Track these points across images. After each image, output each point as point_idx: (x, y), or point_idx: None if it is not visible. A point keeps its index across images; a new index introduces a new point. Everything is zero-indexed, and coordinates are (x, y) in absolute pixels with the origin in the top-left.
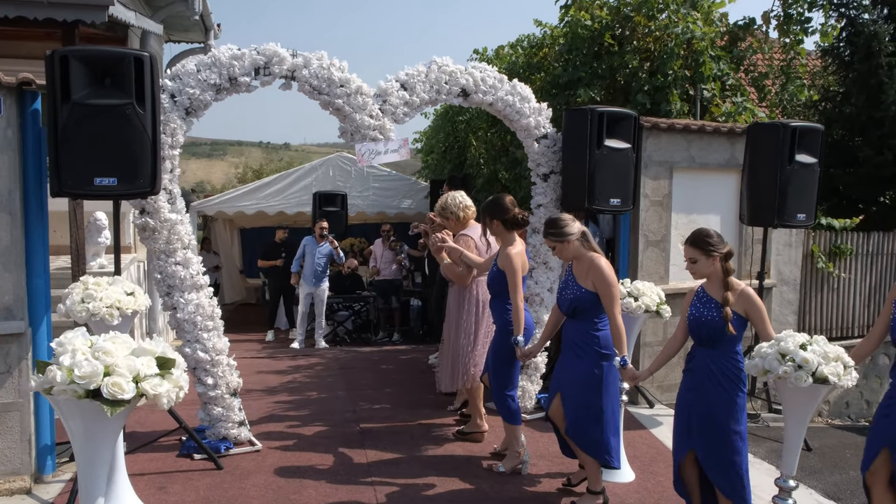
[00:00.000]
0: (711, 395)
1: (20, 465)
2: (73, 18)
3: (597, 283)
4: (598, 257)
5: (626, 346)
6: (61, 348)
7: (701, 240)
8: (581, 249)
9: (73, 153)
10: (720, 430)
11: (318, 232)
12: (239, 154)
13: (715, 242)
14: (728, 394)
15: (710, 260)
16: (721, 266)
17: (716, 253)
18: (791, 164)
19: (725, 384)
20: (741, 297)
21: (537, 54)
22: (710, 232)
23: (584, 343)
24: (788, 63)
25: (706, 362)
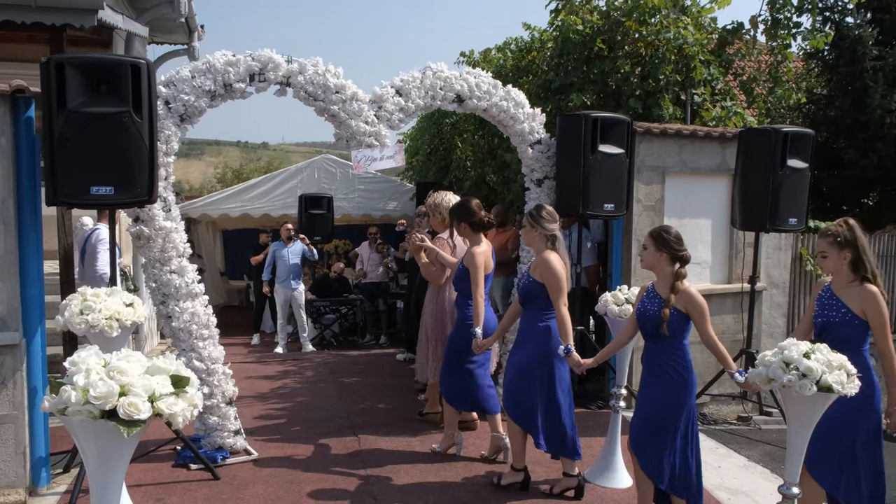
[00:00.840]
0: (655, 390)
1: (15, 479)
2: (61, 22)
3: (544, 275)
4: (550, 254)
5: (570, 335)
6: (74, 367)
7: (658, 233)
8: (542, 245)
9: (69, 161)
10: (652, 427)
11: (284, 234)
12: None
13: (669, 240)
14: (670, 390)
15: (658, 254)
16: (671, 267)
17: (664, 249)
18: (783, 169)
19: (667, 380)
20: (682, 294)
21: (525, 57)
22: (672, 231)
23: (529, 331)
24: (776, 67)
25: (652, 357)
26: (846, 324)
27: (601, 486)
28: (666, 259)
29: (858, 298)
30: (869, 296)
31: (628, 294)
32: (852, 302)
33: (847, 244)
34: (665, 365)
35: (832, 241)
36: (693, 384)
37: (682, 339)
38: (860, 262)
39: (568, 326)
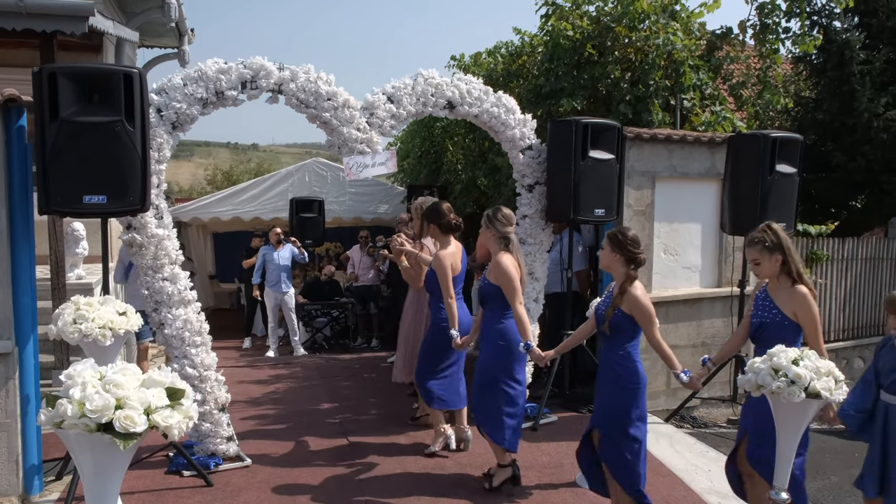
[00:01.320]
0: (604, 385)
1: (7, 487)
2: (52, 29)
3: (498, 277)
4: (504, 255)
5: (529, 332)
6: (70, 381)
7: (615, 234)
8: (497, 247)
9: (61, 171)
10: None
11: (273, 239)
12: (206, 155)
13: (624, 242)
14: (615, 386)
15: (613, 255)
16: (625, 268)
17: (619, 250)
18: (772, 174)
19: (614, 377)
20: (628, 297)
21: (516, 62)
22: (629, 233)
23: (488, 331)
24: (765, 71)
25: (604, 353)
26: (777, 325)
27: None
28: (620, 260)
29: (789, 300)
30: (799, 297)
31: None
32: (783, 303)
33: (775, 248)
34: (612, 363)
35: (761, 248)
36: (636, 388)
37: (627, 340)
38: (788, 264)
39: (526, 324)
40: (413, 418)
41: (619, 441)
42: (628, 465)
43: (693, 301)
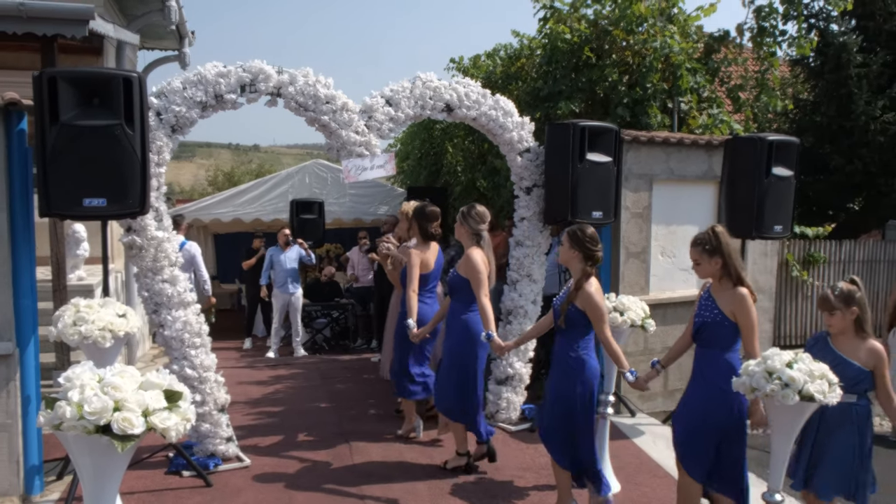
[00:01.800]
0: (555, 377)
1: (8, 487)
2: (53, 33)
3: (467, 270)
4: (473, 250)
5: (492, 323)
6: (69, 383)
7: (575, 231)
8: (469, 242)
9: (61, 174)
10: (554, 407)
11: (282, 240)
12: (208, 156)
13: (583, 239)
14: (567, 379)
15: (572, 251)
16: (582, 265)
17: (577, 247)
18: (768, 176)
19: (565, 369)
20: (582, 295)
21: (514, 64)
22: (588, 231)
23: (453, 321)
24: (762, 74)
25: (558, 346)
26: (717, 325)
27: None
28: (578, 257)
29: (729, 300)
30: (738, 298)
31: (616, 302)
32: (724, 303)
33: (715, 251)
34: (565, 356)
35: (702, 250)
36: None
37: (581, 335)
38: (728, 267)
39: (489, 315)
40: (397, 410)
41: (563, 425)
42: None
43: (690, 303)
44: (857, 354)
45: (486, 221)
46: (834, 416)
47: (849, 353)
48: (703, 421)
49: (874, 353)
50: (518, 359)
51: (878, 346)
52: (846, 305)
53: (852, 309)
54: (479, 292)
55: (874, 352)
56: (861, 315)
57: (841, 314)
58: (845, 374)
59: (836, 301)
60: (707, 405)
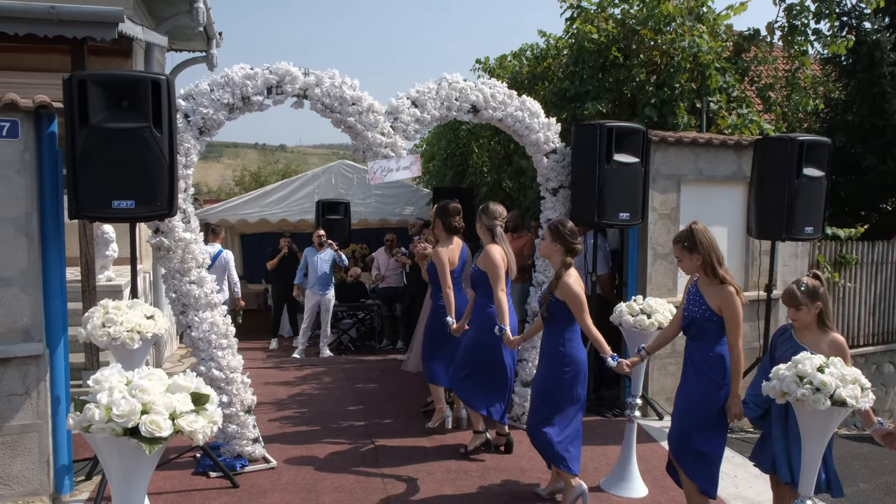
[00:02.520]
0: (541, 368)
1: (39, 486)
2: (83, 35)
3: (486, 265)
4: (492, 247)
5: (506, 317)
6: (98, 386)
7: (556, 226)
8: (488, 238)
9: (90, 176)
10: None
11: (316, 241)
12: (235, 156)
13: (564, 233)
14: (552, 368)
15: (554, 245)
16: (562, 257)
17: (559, 241)
18: (799, 177)
19: (550, 359)
20: (561, 285)
21: (541, 64)
22: (568, 225)
23: (477, 313)
24: (793, 73)
25: (544, 338)
26: (706, 320)
27: (616, 495)
28: (560, 250)
29: (716, 296)
30: (726, 294)
31: (643, 304)
32: (711, 299)
33: (693, 248)
34: (551, 347)
35: (681, 247)
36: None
37: (565, 325)
38: (705, 265)
39: (504, 309)
40: (424, 412)
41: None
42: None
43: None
44: (819, 347)
45: (500, 217)
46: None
47: (812, 346)
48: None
49: (836, 345)
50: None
51: (839, 339)
52: (811, 301)
53: (817, 304)
54: (496, 286)
55: (836, 344)
56: (824, 309)
57: (807, 309)
58: None
59: (803, 297)
60: (706, 401)
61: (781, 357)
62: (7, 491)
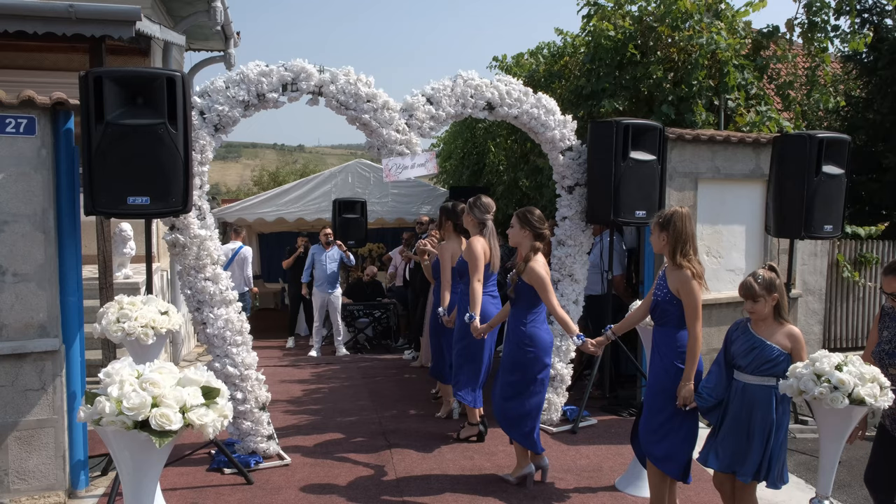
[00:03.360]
0: (508, 348)
1: (54, 481)
2: (100, 34)
3: (468, 255)
4: (475, 239)
5: (478, 307)
6: (109, 379)
7: (524, 213)
8: (475, 230)
9: (106, 173)
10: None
11: (323, 239)
12: (253, 156)
13: (532, 219)
14: (515, 347)
15: (523, 231)
16: (531, 242)
17: (528, 227)
18: (818, 175)
19: (515, 341)
20: (528, 270)
21: (558, 62)
22: (535, 212)
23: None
24: (813, 70)
25: (510, 319)
26: (667, 303)
27: (632, 494)
28: (529, 235)
29: (675, 279)
30: (682, 278)
31: None
32: (671, 282)
33: (664, 226)
34: (515, 328)
35: (655, 222)
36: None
37: (529, 307)
38: (670, 245)
39: (476, 298)
40: (435, 397)
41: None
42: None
43: (737, 304)
44: (775, 338)
45: (491, 212)
46: (754, 398)
47: (768, 337)
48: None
49: (792, 336)
50: (559, 359)
51: (795, 330)
52: (768, 292)
53: (773, 295)
54: (472, 276)
55: (792, 335)
56: (780, 301)
57: (763, 301)
58: (764, 356)
59: (760, 289)
60: (664, 381)
61: (737, 351)
62: (23, 485)
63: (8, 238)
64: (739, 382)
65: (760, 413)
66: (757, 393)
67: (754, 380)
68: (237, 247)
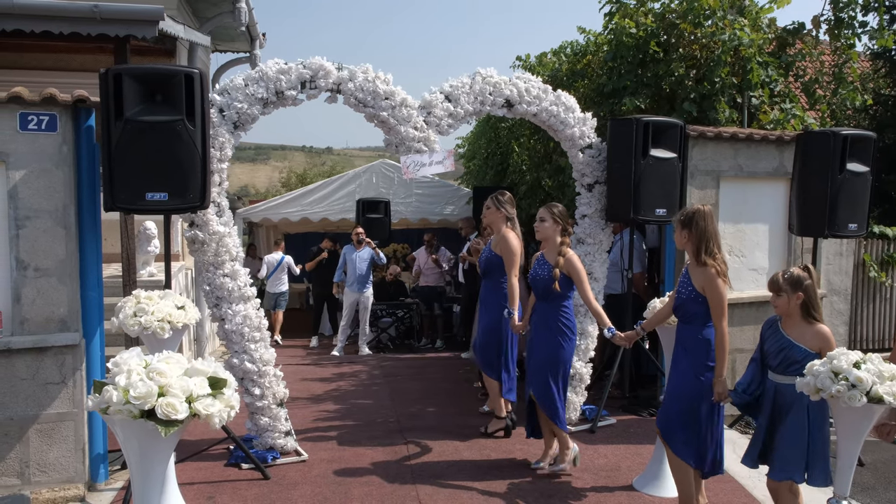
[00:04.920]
0: (542, 340)
1: (74, 474)
2: (124, 33)
3: (502, 250)
4: (509, 232)
5: (516, 303)
6: (117, 368)
7: (550, 208)
8: (501, 224)
9: (125, 169)
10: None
11: (354, 238)
12: (282, 158)
13: (503, 201)
14: (555, 339)
15: (556, 226)
16: (560, 237)
17: (560, 221)
18: (842, 172)
19: (554, 332)
20: (567, 260)
21: (580, 61)
22: (561, 207)
23: (489, 299)
24: (840, 67)
25: (541, 314)
26: (692, 301)
27: (649, 494)
28: (559, 230)
29: (699, 277)
30: (707, 276)
31: None
32: (696, 281)
33: (686, 224)
34: (552, 318)
35: (678, 220)
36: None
37: (567, 297)
38: (693, 243)
39: (514, 294)
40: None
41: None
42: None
43: (760, 304)
44: (803, 338)
45: (514, 206)
46: (785, 399)
47: (795, 337)
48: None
49: (820, 335)
50: (578, 358)
51: (824, 330)
52: (793, 290)
53: (798, 294)
54: (510, 270)
55: (820, 334)
56: (807, 301)
57: (787, 297)
58: (792, 357)
59: (784, 284)
60: (690, 378)
61: (769, 350)
62: (44, 478)
63: (30, 233)
64: (772, 383)
65: (793, 412)
66: (787, 392)
67: (784, 380)
68: (280, 257)
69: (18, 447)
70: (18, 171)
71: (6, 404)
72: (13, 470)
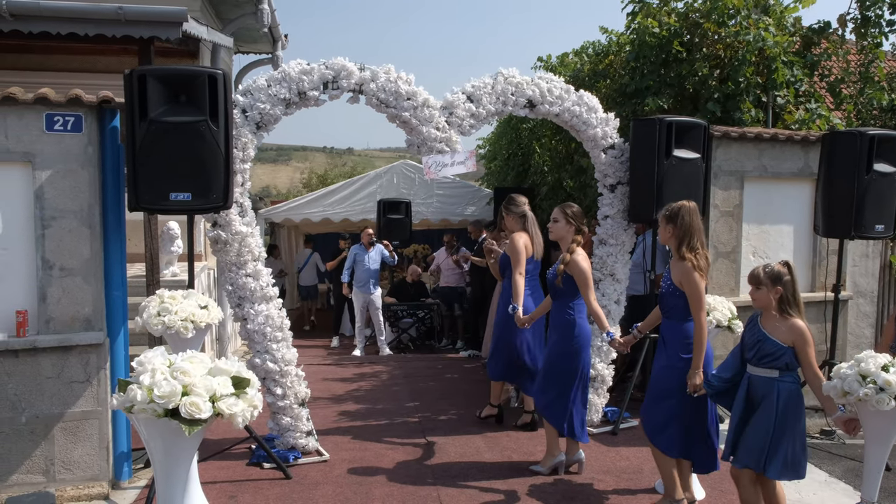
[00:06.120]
0: (552, 341)
1: (98, 472)
2: (149, 35)
3: (508, 250)
4: (516, 235)
5: (520, 300)
6: (141, 367)
7: (563, 208)
8: (516, 227)
9: (149, 169)
10: (549, 368)
11: (365, 240)
12: (303, 159)
13: (573, 214)
14: (561, 340)
15: (568, 227)
16: (572, 236)
17: (574, 222)
18: (869, 173)
19: (559, 331)
20: (571, 260)
21: (603, 61)
22: (576, 207)
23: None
24: (866, 67)
25: (552, 313)
26: (670, 294)
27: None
28: (573, 230)
29: (678, 272)
30: (683, 269)
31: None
32: (674, 275)
33: (671, 219)
34: (560, 315)
35: (663, 215)
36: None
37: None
38: (676, 237)
39: (518, 291)
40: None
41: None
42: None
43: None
44: (777, 331)
45: (525, 203)
46: (757, 391)
47: (770, 330)
48: (665, 389)
49: (794, 330)
50: (600, 360)
51: (798, 324)
52: (772, 284)
53: (777, 288)
54: (514, 269)
55: (794, 329)
56: (784, 295)
57: (765, 291)
58: (765, 350)
59: (765, 278)
60: (670, 373)
61: (748, 341)
62: (69, 475)
63: (55, 233)
64: (748, 374)
65: (764, 403)
66: (760, 384)
67: (758, 371)
68: (309, 253)
69: (44, 445)
70: (44, 172)
71: (32, 403)
72: (38, 468)
